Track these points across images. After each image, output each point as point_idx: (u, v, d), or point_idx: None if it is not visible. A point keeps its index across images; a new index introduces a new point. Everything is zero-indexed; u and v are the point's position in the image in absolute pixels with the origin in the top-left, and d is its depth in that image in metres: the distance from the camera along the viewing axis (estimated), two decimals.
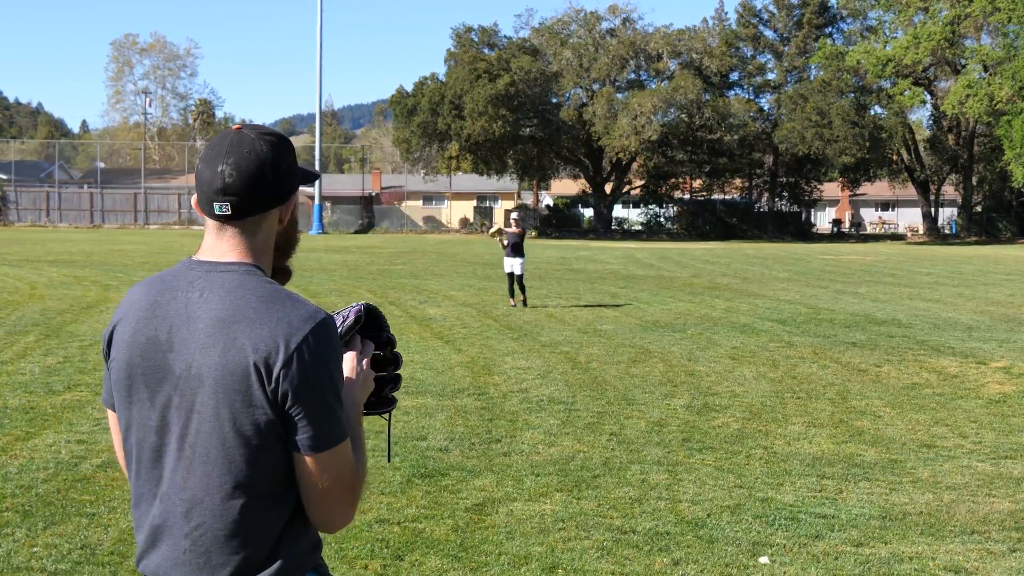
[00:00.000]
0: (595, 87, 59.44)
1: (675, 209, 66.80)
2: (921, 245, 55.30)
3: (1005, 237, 60.53)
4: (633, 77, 60.46)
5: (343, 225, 60.98)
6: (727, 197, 69.97)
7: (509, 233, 17.50)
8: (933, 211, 65.00)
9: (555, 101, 59.22)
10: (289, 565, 2.01)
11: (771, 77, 64.97)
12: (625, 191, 65.62)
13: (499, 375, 10.62)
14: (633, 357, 11.98)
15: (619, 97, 58.08)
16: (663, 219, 66.79)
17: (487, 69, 55.14)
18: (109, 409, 2.15)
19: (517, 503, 6.17)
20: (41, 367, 10.50)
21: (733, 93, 62.90)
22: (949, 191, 70.77)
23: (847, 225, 77.83)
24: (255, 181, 2.01)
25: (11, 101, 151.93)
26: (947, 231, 66.78)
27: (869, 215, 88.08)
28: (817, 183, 67.35)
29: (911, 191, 68.90)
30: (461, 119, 54.83)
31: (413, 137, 57.73)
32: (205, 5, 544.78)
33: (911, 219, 79.33)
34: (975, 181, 64.11)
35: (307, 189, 68.87)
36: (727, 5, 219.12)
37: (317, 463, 1.98)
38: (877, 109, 60.63)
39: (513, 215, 18.33)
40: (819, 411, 9.08)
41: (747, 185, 68.48)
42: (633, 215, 71.44)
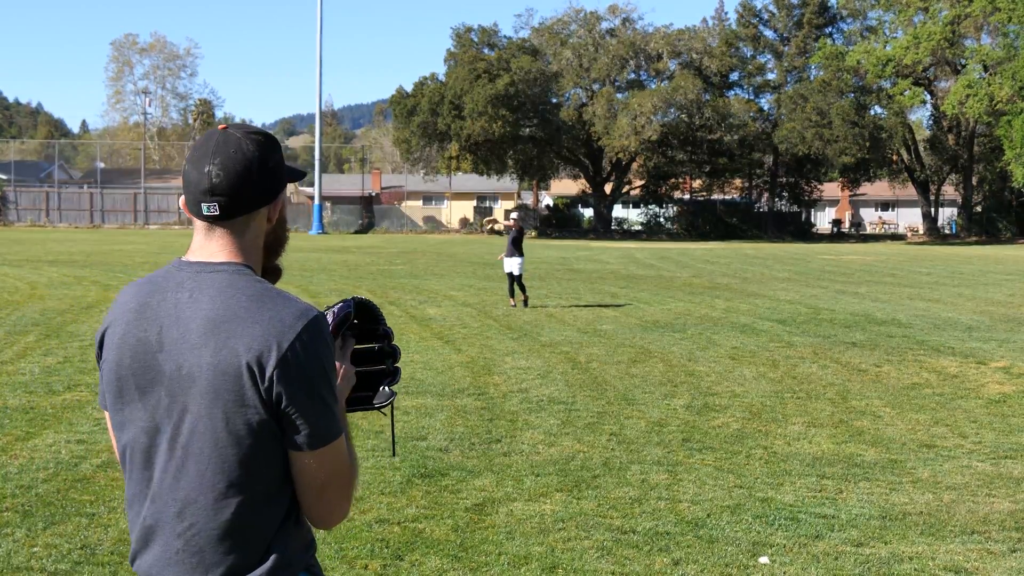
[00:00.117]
0: (595, 87, 59.45)
1: (675, 209, 66.82)
2: (921, 245, 55.31)
3: (1005, 237, 60.53)
4: (633, 77, 60.47)
5: (343, 225, 60.98)
6: (727, 197, 70.00)
7: (508, 228, 17.57)
8: (933, 211, 65.02)
9: (555, 101, 59.22)
10: (282, 564, 2.01)
11: (771, 77, 65.01)
12: (625, 191, 65.63)
13: (499, 375, 10.62)
14: (633, 357, 11.98)
15: (619, 97, 58.11)
16: (663, 219, 66.79)
17: (487, 69, 55.14)
18: (105, 410, 2.15)
19: (517, 503, 6.17)
20: (41, 367, 10.50)
21: (733, 93, 62.93)
22: (949, 191, 70.81)
23: (847, 225, 77.86)
24: (242, 181, 2.01)
25: (11, 101, 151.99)
26: (947, 231, 66.80)
27: (869, 215, 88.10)
28: (817, 183, 67.38)
29: (911, 191, 68.94)
30: (461, 119, 54.83)
31: (413, 137, 57.73)
32: (205, 5, 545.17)
33: (911, 219, 79.36)
34: (975, 181, 64.14)
35: (307, 189, 68.84)
36: (727, 5, 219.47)
37: (315, 460, 1.99)
38: (877, 109, 60.67)
39: (513, 215, 18.36)
40: (819, 411, 9.08)
41: (747, 185, 68.51)
42: (633, 215, 71.45)
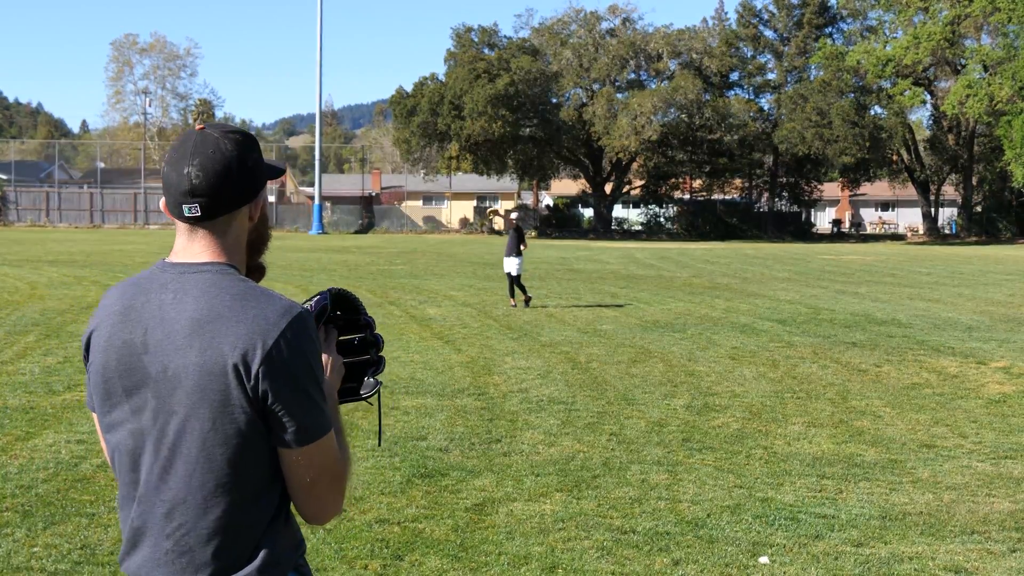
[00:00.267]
0: (595, 87, 59.45)
1: (675, 209, 66.81)
2: (921, 245, 55.31)
3: (1005, 237, 60.52)
4: (633, 77, 60.47)
5: (343, 225, 60.97)
6: (727, 197, 70.00)
7: (507, 227, 17.61)
8: (933, 211, 65.02)
9: (555, 101, 59.21)
10: (271, 564, 2.01)
11: (771, 77, 65.02)
12: (625, 191, 65.63)
13: (499, 375, 10.62)
14: (633, 357, 11.98)
15: (619, 97, 58.11)
16: (663, 219, 66.79)
17: (487, 69, 55.14)
18: (94, 412, 2.15)
19: (517, 503, 6.17)
20: (41, 367, 10.51)
21: (733, 93, 62.95)
22: (949, 191, 70.81)
23: (847, 225, 77.87)
24: (222, 180, 2.01)
25: (11, 101, 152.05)
26: (947, 231, 66.80)
27: (869, 215, 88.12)
28: (817, 183, 67.39)
29: (911, 191, 68.95)
30: (461, 119, 54.83)
31: (413, 137, 57.72)
32: (205, 5, 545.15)
33: (911, 219, 79.37)
34: (975, 181, 64.14)
35: (307, 189, 68.80)
36: (727, 5, 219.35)
37: (304, 456, 1.98)
38: (877, 109, 60.67)
39: (513, 215, 18.35)
40: (819, 411, 9.08)
41: (747, 185, 68.51)
42: (633, 215, 71.45)
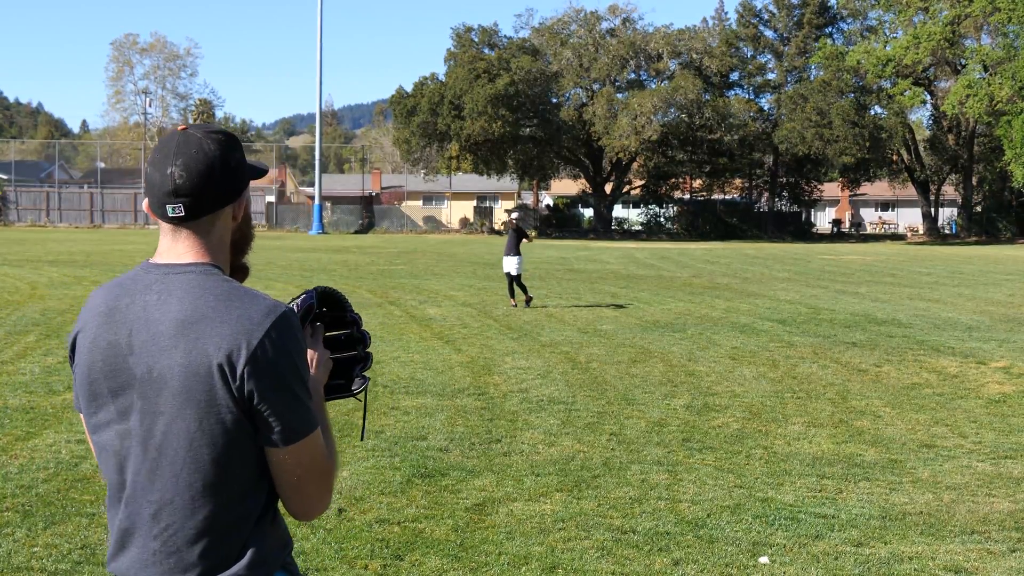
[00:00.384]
0: (595, 87, 59.45)
1: (675, 209, 66.82)
2: (921, 245, 55.30)
3: (1005, 237, 60.53)
4: (633, 77, 60.47)
5: (343, 225, 60.96)
6: (727, 197, 70.01)
7: (507, 226, 17.61)
8: (933, 211, 65.02)
9: (555, 101, 59.22)
10: (259, 563, 2.02)
11: (771, 77, 65.03)
12: (625, 191, 65.63)
13: (499, 375, 10.62)
14: (633, 357, 11.98)
15: (619, 97, 58.10)
16: (663, 219, 66.81)
17: (487, 69, 55.13)
18: (80, 413, 2.16)
19: (517, 503, 6.17)
20: (41, 367, 10.50)
21: (733, 93, 62.95)
22: (949, 191, 70.82)
23: (847, 225, 77.89)
24: (205, 180, 2.01)
25: (11, 101, 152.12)
26: (947, 231, 66.80)
27: (869, 215, 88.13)
28: (817, 183, 67.41)
29: (911, 191, 68.95)
30: (461, 119, 54.82)
31: (413, 137, 57.71)
32: (205, 5, 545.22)
33: (911, 219, 79.38)
34: (975, 181, 64.15)
35: (307, 190, 68.75)
36: (727, 5, 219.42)
37: (290, 455, 2.00)
38: (877, 109, 60.68)
39: (513, 215, 18.32)
40: (819, 411, 9.08)
41: (747, 185, 68.52)
42: (633, 215, 71.46)
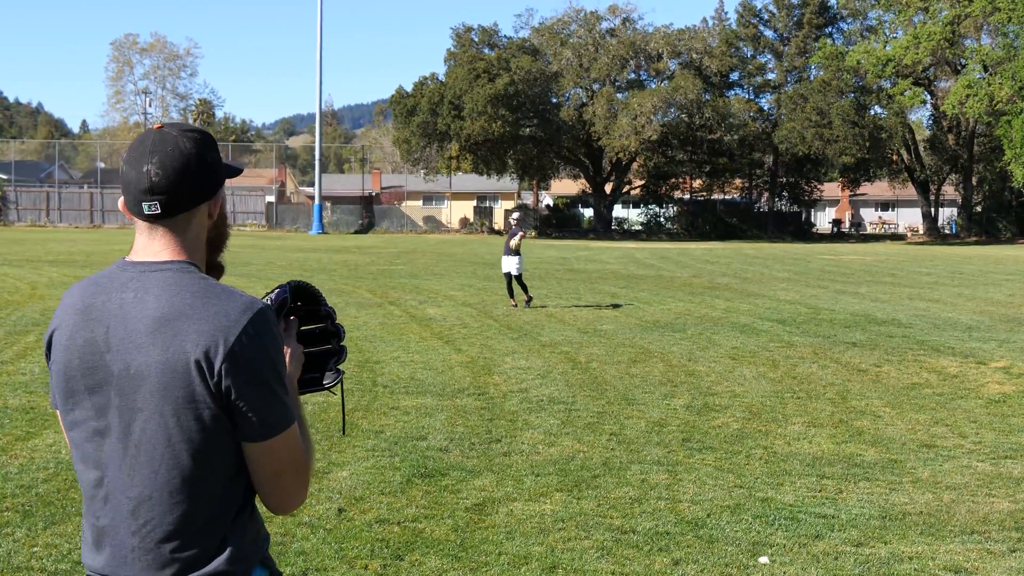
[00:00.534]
0: (595, 87, 59.44)
1: (675, 209, 66.82)
2: (921, 245, 55.30)
3: (1005, 237, 60.53)
4: (633, 77, 60.46)
5: (343, 225, 60.96)
6: (727, 197, 70.01)
7: (513, 228, 17.52)
8: (933, 211, 65.02)
9: (555, 101, 59.21)
10: (238, 557, 2.04)
11: (771, 77, 65.03)
12: (625, 191, 65.63)
13: (499, 375, 10.62)
14: (633, 357, 11.98)
15: (619, 97, 58.09)
16: (663, 219, 66.80)
17: (487, 69, 55.13)
18: (57, 410, 2.16)
19: (517, 503, 6.17)
20: (41, 367, 10.50)
21: (733, 93, 62.95)
22: (949, 191, 70.81)
23: (847, 225, 77.88)
24: (181, 178, 2.03)
25: (11, 101, 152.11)
26: (947, 231, 66.80)
27: (869, 215, 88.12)
28: (817, 183, 67.41)
29: (911, 191, 68.94)
30: (461, 119, 54.82)
31: (413, 137, 57.70)
32: (205, 5, 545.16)
33: (911, 219, 79.37)
34: (975, 181, 64.14)
35: (307, 190, 68.69)
36: (727, 5, 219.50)
37: (268, 450, 2.02)
38: (877, 109, 60.67)
39: (514, 215, 18.29)
40: (819, 411, 9.08)
41: (747, 185, 68.52)
42: (633, 215, 71.45)
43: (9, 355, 11.29)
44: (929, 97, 62.71)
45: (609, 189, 63.78)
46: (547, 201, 76.58)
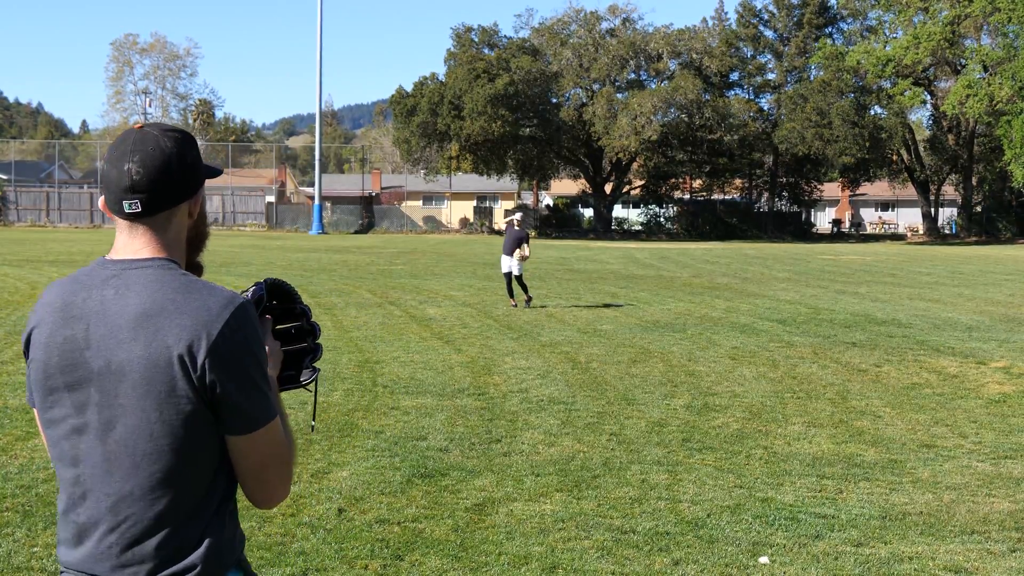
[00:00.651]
0: (595, 87, 59.44)
1: (675, 209, 66.81)
2: (921, 245, 55.31)
3: (1005, 237, 60.53)
4: (633, 77, 60.47)
5: (343, 225, 60.96)
6: (727, 197, 70.00)
7: (514, 230, 17.38)
8: (933, 211, 65.02)
9: (555, 101, 59.22)
10: (215, 554, 2.04)
11: (771, 77, 65.03)
12: (625, 191, 65.63)
13: (499, 375, 10.62)
14: (633, 357, 11.98)
15: (619, 97, 58.09)
16: (663, 219, 66.80)
17: (486, 69, 55.13)
18: (34, 408, 2.16)
19: (517, 503, 6.17)
20: None
21: (733, 93, 62.95)
22: (949, 191, 70.81)
23: (847, 225, 77.85)
24: (162, 176, 2.04)
25: (11, 101, 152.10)
26: (947, 231, 66.80)
27: (869, 215, 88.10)
28: (817, 183, 67.40)
29: (911, 191, 68.93)
30: (461, 119, 54.82)
31: (413, 137, 57.71)
32: (205, 5, 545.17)
33: (911, 219, 79.36)
34: (975, 181, 64.14)
35: (307, 190, 68.69)
36: (727, 5, 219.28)
37: (251, 443, 2.03)
38: (877, 109, 60.67)
39: (516, 215, 18.18)
40: (819, 411, 9.08)
41: (747, 185, 68.51)
42: (633, 215, 71.45)
43: (9, 355, 11.29)
44: (929, 97, 62.72)
45: (609, 189, 63.78)
46: (547, 201, 76.58)
